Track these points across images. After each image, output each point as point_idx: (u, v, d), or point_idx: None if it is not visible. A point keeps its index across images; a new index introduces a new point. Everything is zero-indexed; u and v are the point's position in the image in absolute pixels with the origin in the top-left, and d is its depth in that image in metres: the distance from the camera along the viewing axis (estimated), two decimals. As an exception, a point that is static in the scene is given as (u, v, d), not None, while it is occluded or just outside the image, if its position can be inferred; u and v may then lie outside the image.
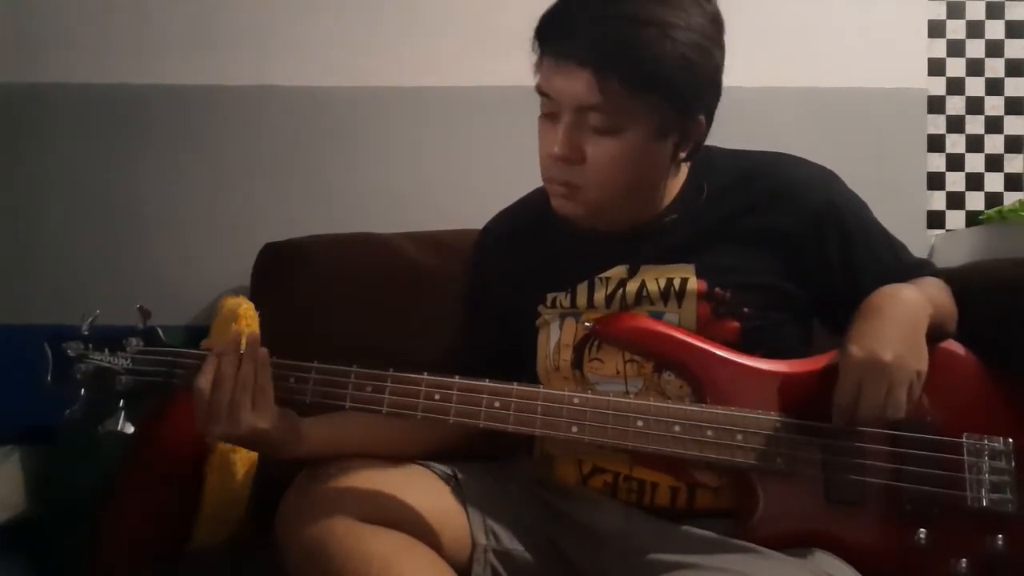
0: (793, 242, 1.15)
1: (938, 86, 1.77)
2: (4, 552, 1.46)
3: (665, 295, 1.15)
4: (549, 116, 1.11)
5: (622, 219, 1.17)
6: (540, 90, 1.10)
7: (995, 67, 1.77)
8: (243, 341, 1.07)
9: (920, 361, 1.06)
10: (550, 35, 1.08)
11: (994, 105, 1.77)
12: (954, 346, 1.16)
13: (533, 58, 1.10)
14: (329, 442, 1.13)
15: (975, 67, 1.77)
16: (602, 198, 1.12)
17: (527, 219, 1.28)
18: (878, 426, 1.06)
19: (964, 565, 1.05)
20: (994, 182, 1.78)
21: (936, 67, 1.77)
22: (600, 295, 1.17)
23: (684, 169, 1.19)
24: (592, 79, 1.04)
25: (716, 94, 1.11)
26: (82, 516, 1.42)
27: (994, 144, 1.78)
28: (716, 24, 1.09)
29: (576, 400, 1.08)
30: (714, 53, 1.08)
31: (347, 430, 1.15)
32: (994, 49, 1.77)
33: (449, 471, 1.18)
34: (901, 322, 1.07)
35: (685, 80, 1.05)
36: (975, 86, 1.77)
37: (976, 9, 1.77)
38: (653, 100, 1.05)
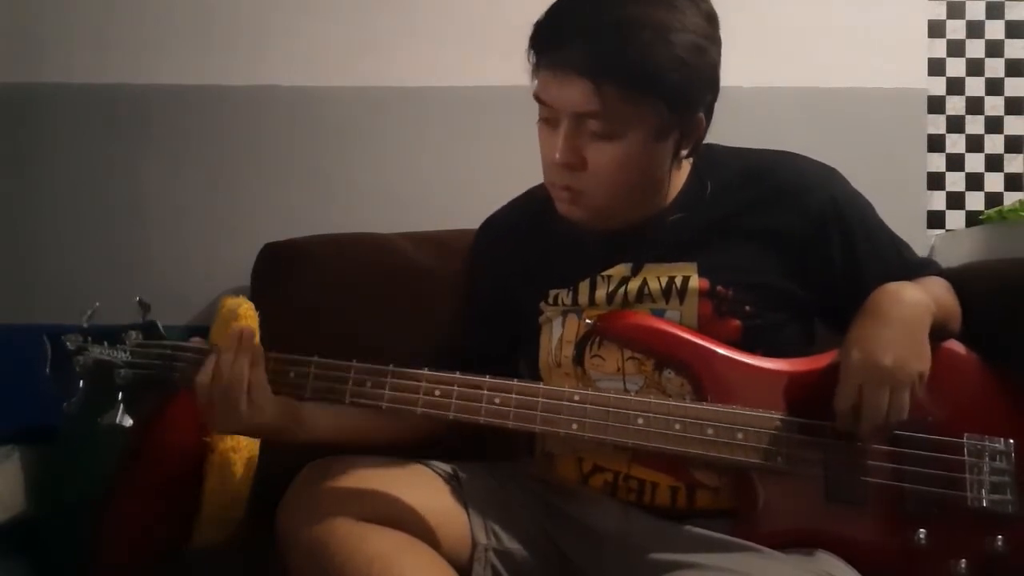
0: (796, 240, 1.15)
1: (938, 86, 1.77)
2: (4, 552, 1.46)
3: (667, 293, 1.14)
4: (548, 121, 1.11)
5: (625, 218, 1.17)
6: (538, 98, 1.10)
7: (995, 67, 1.77)
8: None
9: (922, 362, 1.06)
10: (545, 44, 1.08)
11: (994, 105, 1.77)
12: (955, 346, 1.16)
13: (529, 64, 1.10)
14: (330, 427, 1.15)
15: (975, 67, 1.77)
16: (606, 202, 1.12)
17: (527, 216, 1.28)
18: (881, 431, 1.06)
19: (964, 565, 1.05)
20: (994, 182, 1.77)
21: (936, 67, 1.76)
22: (602, 293, 1.17)
23: (686, 166, 1.19)
24: (590, 87, 1.03)
25: (714, 91, 1.11)
26: (82, 516, 1.42)
27: (994, 144, 1.77)
28: (711, 21, 1.09)
29: (577, 397, 1.08)
30: (710, 51, 1.08)
31: (347, 416, 1.15)
32: (994, 49, 1.77)
33: (450, 470, 1.18)
34: (902, 323, 1.07)
35: (683, 81, 1.05)
36: (975, 86, 1.77)
37: (976, 9, 1.77)
38: (652, 103, 1.05)
